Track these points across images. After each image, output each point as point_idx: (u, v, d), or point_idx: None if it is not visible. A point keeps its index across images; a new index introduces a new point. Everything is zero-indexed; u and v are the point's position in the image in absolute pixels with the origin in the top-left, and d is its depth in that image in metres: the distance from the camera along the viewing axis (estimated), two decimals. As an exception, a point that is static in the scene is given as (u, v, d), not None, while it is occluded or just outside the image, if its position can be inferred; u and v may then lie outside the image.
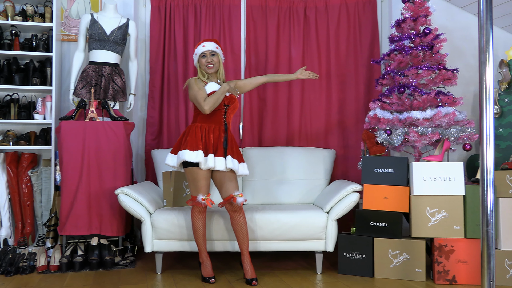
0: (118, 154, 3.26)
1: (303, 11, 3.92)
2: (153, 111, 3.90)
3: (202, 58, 2.88)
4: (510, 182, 2.84)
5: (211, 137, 2.77)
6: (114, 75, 3.50)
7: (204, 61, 2.88)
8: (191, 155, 2.68)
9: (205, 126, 2.80)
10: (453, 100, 3.06)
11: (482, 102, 1.73)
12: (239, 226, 2.75)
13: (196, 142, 2.73)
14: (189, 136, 2.77)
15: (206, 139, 2.76)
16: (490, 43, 1.73)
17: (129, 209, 2.93)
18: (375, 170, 2.98)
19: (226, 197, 2.75)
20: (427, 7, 3.20)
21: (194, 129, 2.78)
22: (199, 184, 2.74)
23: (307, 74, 3.04)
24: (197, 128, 2.78)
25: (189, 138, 2.75)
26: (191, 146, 2.71)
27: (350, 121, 3.87)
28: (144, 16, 4.04)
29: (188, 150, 2.70)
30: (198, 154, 2.69)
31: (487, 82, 1.73)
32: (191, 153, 2.69)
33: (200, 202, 2.72)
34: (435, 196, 2.83)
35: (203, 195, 2.74)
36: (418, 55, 3.14)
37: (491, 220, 1.73)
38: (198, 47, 2.91)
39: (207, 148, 2.75)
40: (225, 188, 2.76)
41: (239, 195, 2.72)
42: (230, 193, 2.74)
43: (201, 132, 2.77)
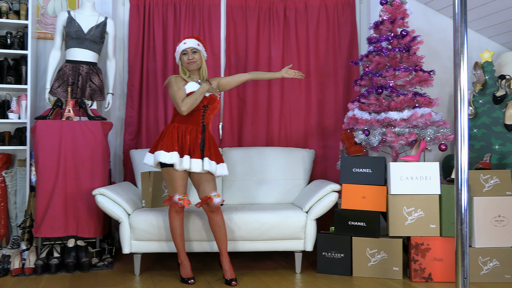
0: (95, 154, 3.21)
1: (283, 12, 3.93)
2: (131, 111, 3.86)
3: (184, 55, 2.86)
4: (484, 181, 2.91)
5: (188, 138, 2.75)
6: (92, 74, 3.45)
7: (185, 59, 2.85)
8: (165, 156, 2.67)
9: (182, 127, 2.77)
10: (429, 101, 3.12)
11: (457, 104, 1.77)
12: (217, 226, 2.75)
13: (171, 143, 2.70)
14: (166, 136, 2.74)
15: (183, 140, 2.74)
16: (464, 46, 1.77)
17: (107, 210, 2.90)
18: (353, 170, 3.02)
19: (203, 198, 2.75)
20: (405, 9, 3.25)
21: (171, 129, 2.76)
22: (176, 184, 2.72)
23: (293, 73, 3.03)
24: (174, 129, 2.76)
25: (165, 138, 2.73)
26: (167, 147, 2.70)
27: (329, 121, 3.90)
28: (123, 15, 3.99)
29: (163, 151, 2.68)
30: (172, 156, 2.67)
31: (462, 84, 1.77)
32: (166, 154, 2.67)
33: (177, 202, 2.71)
34: (412, 195, 2.88)
35: (179, 195, 2.72)
36: (396, 57, 3.19)
37: (465, 219, 1.77)
38: (179, 45, 2.89)
39: (183, 149, 2.72)
40: (202, 189, 2.76)
41: (216, 196, 2.72)
42: (207, 193, 2.73)
43: (178, 133, 2.75)
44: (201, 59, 2.88)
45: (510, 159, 3.29)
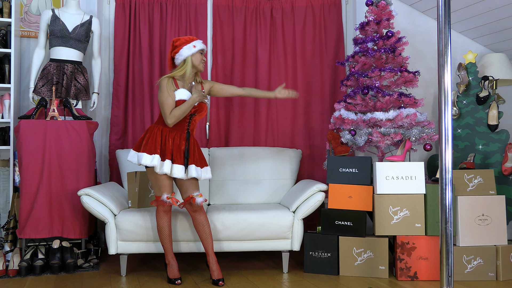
0: (80, 154, 3.17)
1: (270, 12, 3.94)
2: (117, 110, 3.83)
3: (200, 54, 2.78)
4: (468, 181, 2.95)
5: (170, 142, 2.72)
6: (77, 73, 3.41)
7: (201, 58, 2.79)
8: (147, 159, 2.65)
9: (166, 131, 2.74)
10: (414, 102, 3.16)
11: (441, 104, 1.79)
12: (201, 225, 2.75)
13: (154, 146, 2.69)
14: (150, 138, 2.72)
15: (166, 144, 2.71)
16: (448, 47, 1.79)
17: (92, 211, 2.87)
18: (340, 170, 3.04)
19: (185, 198, 2.75)
20: (390, 10, 3.29)
21: (155, 132, 2.73)
22: (162, 183, 2.71)
23: (286, 93, 2.95)
24: (158, 131, 2.73)
25: (149, 140, 2.71)
26: (150, 149, 2.68)
27: (315, 121, 3.92)
28: (108, 13, 3.95)
29: (146, 154, 2.67)
30: (154, 158, 2.65)
31: (446, 84, 1.79)
32: (148, 156, 2.66)
33: (165, 201, 2.70)
34: (397, 195, 2.91)
35: (167, 194, 2.71)
36: (381, 58, 3.22)
37: (450, 218, 1.80)
38: (197, 42, 2.79)
39: (165, 153, 2.70)
40: (184, 189, 2.75)
41: (199, 195, 2.73)
42: (189, 193, 2.74)
43: (162, 136, 2.73)
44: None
45: (493, 159, 3.35)
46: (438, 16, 1.83)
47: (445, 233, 1.80)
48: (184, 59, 2.77)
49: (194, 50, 2.76)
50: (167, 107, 2.69)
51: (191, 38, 2.80)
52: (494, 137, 3.37)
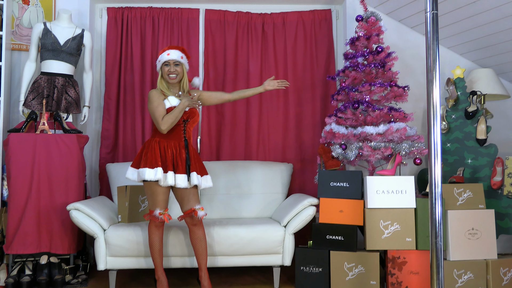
0: (70, 168, 3.15)
1: (261, 27, 3.97)
2: (108, 124, 3.81)
3: (165, 66, 2.80)
4: (458, 195, 2.97)
5: (170, 153, 2.70)
6: (68, 87, 3.40)
7: (166, 70, 2.79)
8: (150, 173, 2.62)
9: (164, 142, 2.73)
10: (404, 116, 3.18)
11: (430, 119, 1.81)
12: (199, 240, 2.72)
13: (155, 159, 2.66)
14: (149, 152, 2.69)
15: (166, 156, 2.69)
16: (436, 63, 1.81)
17: (82, 225, 2.83)
18: (331, 184, 3.04)
19: (187, 211, 2.71)
20: (380, 26, 3.33)
21: (153, 145, 2.71)
22: (157, 198, 2.68)
23: (275, 84, 2.96)
24: (156, 144, 2.71)
25: (149, 154, 2.68)
26: (151, 163, 2.65)
27: (307, 135, 3.93)
28: (100, 27, 3.96)
29: (148, 168, 2.63)
30: (157, 172, 2.62)
31: (434, 99, 1.81)
32: (151, 171, 2.63)
33: (157, 216, 2.67)
34: (388, 209, 2.92)
35: (160, 209, 2.68)
36: (371, 72, 3.25)
37: (440, 232, 1.80)
38: (162, 54, 2.81)
39: (167, 164, 2.68)
40: (186, 202, 2.72)
41: (200, 209, 2.69)
42: (191, 206, 2.70)
43: (160, 148, 2.71)
44: (182, 72, 2.84)
45: (482, 173, 3.37)
46: (426, 33, 1.86)
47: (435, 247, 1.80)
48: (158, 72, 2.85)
49: (159, 64, 2.83)
50: (158, 114, 2.69)
51: (162, 50, 2.84)
52: (483, 151, 3.40)
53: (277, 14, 3.98)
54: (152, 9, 3.92)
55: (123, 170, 3.51)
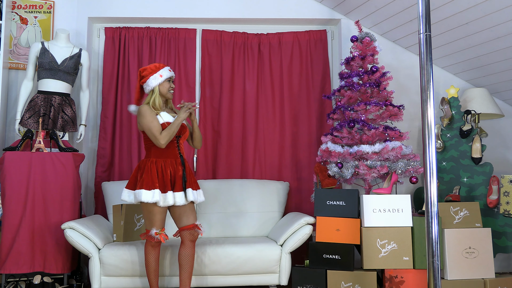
0: (65, 187, 3.13)
1: (257, 47, 4.02)
2: (104, 142, 3.82)
3: (167, 82, 2.78)
4: (454, 213, 2.97)
5: (168, 172, 2.68)
6: (64, 105, 3.41)
7: (168, 86, 2.78)
8: (147, 195, 2.58)
9: (161, 161, 2.70)
10: (399, 135, 3.21)
11: (425, 138, 1.83)
12: (190, 257, 2.69)
13: (152, 180, 2.62)
14: (144, 173, 2.66)
15: (164, 175, 2.66)
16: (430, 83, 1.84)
17: (76, 245, 2.81)
18: (327, 202, 3.04)
19: (188, 225, 2.69)
20: (374, 46, 3.38)
21: (149, 165, 2.67)
22: (154, 218, 2.65)
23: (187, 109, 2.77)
24: (152, 164, 2.68)
25: (144, 175, 2.64)
26: (147, 185, 2.61)
27: (303, 154, 3.94)
28: (98, 47, 4.00)
29: (144, 190, 2.59)
30: (155, 194, 2.59)
31: (429, 118, 1.83)
32: (148, 192, 2.59)
33: (153, 236, 2.65)
34: (385, 227, 2.91)
35: (157, 229, 2.66)
36: (367, 92, 3.29)
37: (437, 251, 1.80)
38: (163, 70, 2.77)
39: (165, 184, 2.65)
40: (185, 217, 2.70)
41: (200, 225, 2.72)
42: (192, 222, 2.70)
43: (157, 168, 2.67)
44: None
45: (478, 191, 3.39)
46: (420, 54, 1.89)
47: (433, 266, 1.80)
48: (151, 88, 2.77)
49: (160, 80, 2.76)
50: (155, 129, 2.65)
51: (157, 67, 2.79)
52: (478, 170, 3.42)
53: (273, 35, 4.04)
54: (150, 29, 3.96)
55: (119, 188, 3.49)
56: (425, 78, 1.87)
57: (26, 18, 3.77)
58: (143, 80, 2.79)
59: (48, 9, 3.80)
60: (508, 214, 3.05)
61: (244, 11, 3.94)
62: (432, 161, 1.83)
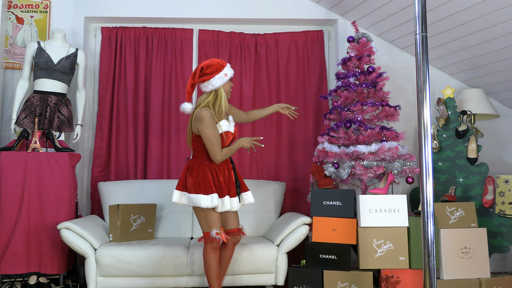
0: (62, 187, 3.12)
1: (254, 47, 4.03)
2: (100, 142, 3.81)
3: (229, 82, 2.63)
4: (450, 213, 2.98)
5: (221, 178, 2.62)
6: (60, 105, 3.40)
7: (230, 86, 2.64)
8: (206, 201, 2.51)
9: (214, 166, 2.62)
10: (396, 135, 3.22)
11: (421, 138, 1.83)
12: (229, 258, 2.74)
13: (209, 185, 2.54)
14: (200, 177, 2.56)
15: (219, 180, 2.60)
16: (426, 83, 1.85)
17: (72, 245, 2.80)
18: (323, 202, 3.04)
19: (233, 229, 2.72)
20: (371, 47, 3.39)
21: (203, 168, 2.58)
22: (212, 219, 2.57)
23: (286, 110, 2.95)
24: (206, 167, 2.59)
25: (200, 179, 2.55)
26: (204, 189, 2.52)
27: (299, 154, 3.95)
28: (94, 46, 3.99)
29: (203, 195, 2.51)
30: (213, 199, 2.52)
31: (425, 119, 1.84)
32: (206, 198, 2.51)
33: (215, 237, 2.56)
34: (381, 228, 2.92)
35: (216, 229, 2.58)
36: (363, 92, 3.30)
37: (432, 251, 1.81)
38: (228, 68, 2.59)
39: (222, 189, 2.59)
40: (231, 222, 2.72)
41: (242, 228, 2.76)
42: (236, 225, 2.73)
43: (211, 172, 2.59)
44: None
45: (473, 191, 3.40)
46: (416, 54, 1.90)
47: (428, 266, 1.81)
48: (215, 89, 2.58)
49: (226, 79, 2.57)
50: (217, 144, 2.54)
51: (221, 65, 2.59)
52: (474, 170, 3.44)
53: (270, 35, 4.04)
54: (146, 29, 3.96)
55: (115, 188, 3.49)
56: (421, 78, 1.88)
57: (22, 17, 3.76)
58: (206, 78, 2.55)
59: (44, 8, 3.79)
60: (503, 214, 3.07)
61: (241, 11, 3.95)
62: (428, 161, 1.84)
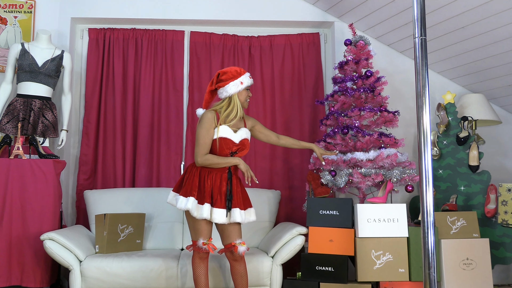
0: (45, 195, 3.10)
1: (248, 50, 4.03)
2: (87, 149, 3.79)
3: (246, 91, 2.72)
4: (451, 223, 2.99)
5: (208, 184, 2.61)
6: (45, 109, 3.38)
7: (246, 95, 2.72)
8: (182, 202, 2.56)
9: (205, 171, 2.63)
10: (395, 142, 3.23)
11: (421, 145, 1.84)
12: (239, 276, 2.66)
13: (190, 188, 2.59)
14: (187, 179, 2.63)
15: (205, 186, 2.60)
16: (426, 88, 1.86)
17: (56, 257, 2.78)
18: (320, 212, 3.04)
19: (227, 244, 2.64)
20: (369, 50, 3.41)
21: (193, 172, 2.64)
22: (200, 227, 2.59)
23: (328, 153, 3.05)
24: (197, 172, 2.63)
25: (187, 181, 2.62)
26: (185, 191, 2.60)
27: (295, 161, 3.95)
28: (81, 48, 3.98)
29: (182, 197, 2.58)
30: (188, 201, 2.54)
31: (425, 125, 1.85)
32: (183, 199, 2.57)
33: (201, 247, 2.58)
34: (380, 238, 2.92)
35: (204, 239, 2.59)
36: (361, 97, 3.31)
37: (433, 263, 1.81)
38: (245, 77, 2.71)
39: (204, 195, 2.58)
40: (226, 235, 2.64)
41: (241, 244, 2.62)
42: (231, 240, 2.63)
43: (200, 176, 2.62)
44: None
45: (475, 200, 3.41)
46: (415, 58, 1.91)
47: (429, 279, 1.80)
48: (229, 96, 2.70)
49: (241, 87, 2.69)
50: (202, 147, 2.60)
51: (238, 72, 2.72)
52: (476, 178, 3.45)
53: (264, 37, 4.05)
54: (135, 31, 3.96)
55: (101, 197, 3.46)
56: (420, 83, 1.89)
57: (6, 18, 3.74)
58: (222, 84, 2.70)
59: (29, 8, 3.78)
60: (506, 224, 3.08)
61: (234, 13, 3.95)
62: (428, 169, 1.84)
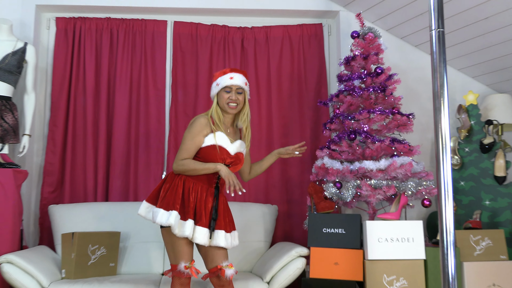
0: (3, 211, 3.08)
1: (240, 43, 4.04)
2: (53, 157, 3.77)
3: (225, 93, 2.72)
4: (475, 243, 2.99)
5: (192, 197, 2.60)
6: (4, 111, 3.37)
7: (226, 97, 2.71)
8: (163, 216, 2.53)
9: (190, 182, 2.63)
10: (409, 149, 3.23)
11: (439, 153, 1.84)
12: None
13: (173, 200, 2.57)
14: (170, 189, 2.61)
15: (189, 199, 2.59)
16: (444, 88, 1.86)
17: (15, 283, 2.76)
18: (323, 230, 3.03)
19: (212, 268, 2.61)
20: (379, 44, 3.42)
21: (176, 181, 2.63)
22: (181, 249, 2.57)
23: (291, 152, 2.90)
24: (180, 182, 2.62)
25: (168, 192, 2.60)
26: (167, 204, 2.56)
27: (294, 171, 3.94)
28: (47, 40, 3.97)
29: (162, 210, 2.55)
30: (171, 216, 2.52)
31: (443, 130, 1.85)
32: (164, 213, 2.54)
33: (182, 271, 2.55)
34: (393, 261, 2.91)
35: (185, 262, 2.57)
36: (370, 97, 3.31)
37: (454, 289, 1.80)
38: (223, 77, 2.75)
39: (188, 210, 2.57)
40: (210, 257, 2.61)
41: (229, 266, 2.59)
42: (217, 263, 2.59)
43: (184, 188, 2.61)
44: (244, 102, 2.77)
45: (502, 216, 3.42)
46: (432, 53, 1.91)
47: (449, 308, 1.79)
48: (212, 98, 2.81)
49: (217, 89, 2.76)
50: (184, 152, 2.64)
51: (221, 72, 2.80)
52: (503, 191, 3.46)
53: (259, 29, 4.06)
54: (110, 20, 3.95)
55: (69, 213, 3.45)
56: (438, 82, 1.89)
57: (-41, 5, 3.73)
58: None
59: (-14, -6, 3.77)
60: (537, 244, 3.08)
61: (225, 0, 3.96)
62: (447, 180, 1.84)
